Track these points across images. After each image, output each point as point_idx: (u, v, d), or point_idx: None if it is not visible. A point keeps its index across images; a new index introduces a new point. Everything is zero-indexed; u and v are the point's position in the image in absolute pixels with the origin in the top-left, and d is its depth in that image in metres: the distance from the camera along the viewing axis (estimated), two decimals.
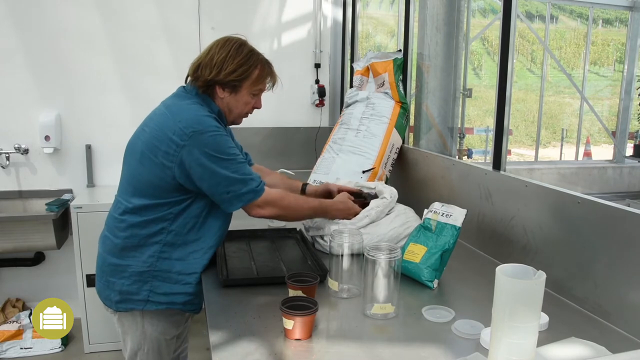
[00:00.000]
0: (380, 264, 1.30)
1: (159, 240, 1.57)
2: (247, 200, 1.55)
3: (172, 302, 1.61)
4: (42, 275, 3.27)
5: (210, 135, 1.49)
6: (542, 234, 1.57)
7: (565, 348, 1.14)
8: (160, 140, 1.50)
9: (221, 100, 1.62)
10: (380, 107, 2.56)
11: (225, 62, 1.57)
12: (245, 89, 1.62)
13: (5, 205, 3.13)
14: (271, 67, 1.67)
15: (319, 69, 3.54)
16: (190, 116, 1.51)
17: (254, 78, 1.61)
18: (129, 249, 1.58)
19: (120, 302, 1.61)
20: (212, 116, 1.56)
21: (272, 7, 3.44)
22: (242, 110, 1.66)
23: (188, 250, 1.60)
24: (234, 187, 1.52)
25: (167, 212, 1.56)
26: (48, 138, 3.08)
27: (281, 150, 3.43)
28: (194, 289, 1.62)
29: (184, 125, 1.48)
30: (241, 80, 1.59)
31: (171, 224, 1.57)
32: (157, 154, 1.50)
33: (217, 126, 1.53)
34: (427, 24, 2.56)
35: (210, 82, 1.58)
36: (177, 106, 1.57)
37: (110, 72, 3.20)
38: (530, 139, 11.16)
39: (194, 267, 1.61)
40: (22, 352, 2.93)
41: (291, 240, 1.92)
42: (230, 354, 1.15)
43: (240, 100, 1.63)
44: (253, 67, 1.60)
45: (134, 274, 1.58)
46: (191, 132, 1.47)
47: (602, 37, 12.90)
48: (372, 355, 1.15)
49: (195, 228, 1.60)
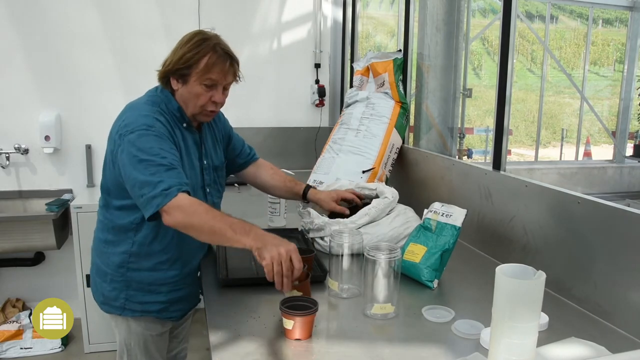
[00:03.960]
0: (380, 264, 1.30)
1: (124, 250, 1.57)
2: (156, 205, 1.35)
3: (147, 311, 1.62)
4: (42, 275, 3.27)
5: (138, 133, 1.43)
6: (542, 234, 1.57)
7: (565, 348, 1.14)
8: (111, 139, 1.52)
9: (177, 93, 1.56)
10: (380, 107, 2.56)
11: (176, 50, 1.53)
12: (193, 77, 1.51)
13: (5, 205, 3.13)
14: (227, 58, 1.52)
15: (319, 69, 3.54)
16: (128, 115, 1.51)
17: (202, 66, 1.49)
18: (106, 250, 1.61)
19: (103, 304, 1.64)
20: (152, 116, 1.48)
21: (272, 7, 3.44)
22: (196, 102, 1.54)
23: (154, 261, 1.58)
24: (144, 190, 1.37)
25: (129, 221, 1.55)
26: (48, 138, 3.09)
27: (281, 150, 3.43)
28: (166, 298, 1.62)
29: (122, 124, 1.48)
30: (189, 68, 1.50)
31: (135, 234, 1.56)
32: (109, 153, 1.53)
33: (148, 124, 1.45)
34: (427, 24, 2.56)
35: (165, 74, 1.55)
36: (128, 106, 1.58)
37: (110, 72, 3.21)
38: (530, 139, 11.16)
39: (164, 278, 1.60)
40: (22, 352, 2.93)
41: (292, 240, 1.91)
42: (230, 354, 1.15)
43: (192, 91, 1.52)
44: (201, 55, 1.49)
45: (112, 281, 1.60)
46: (124, 132, 1.45)
47: (602, 37, 12.90)
48: (372, 355, 1.15)
49: (157, 239, 1.56)
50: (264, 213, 2.14)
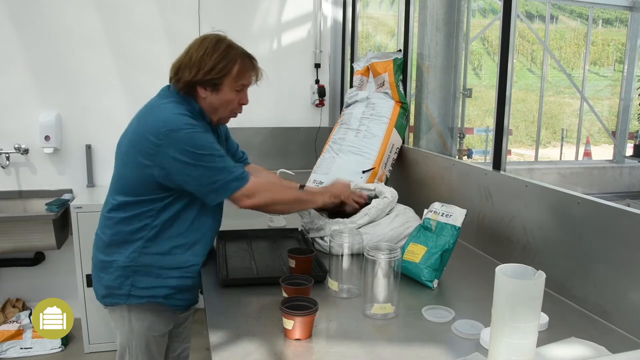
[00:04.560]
0: (380, 264, 1.30)
1: (142, 236, 1.57)
2: (234, 189, 1.51)
3: (154, 296, 1.61)
4: (42, 275, 3.27)
5: (186, 132, 1.47)
6: (542, 234, 1.57)
7: (565, 348, 1.14)
8: (140, 139, 1.51)
9: (204, 100, 1.58)
10: (380, 107, 2.56)
11: (202, 60, 1.53)
12: (226, 86, 1.56)
13: (6, 205, 3.13)
14: (253, 60, 1.61)
15: (319, 69, 3.54)
16: (164, 115, 1.51)
17: (235, 74, 1.55)
18: (114, 245, 1.59)
19: (106, 297, 1.63)
20: (187, 114, 1.52)
21: (272, 7, 3.44)
22: (227, 108, 1.61)
23: (170, 245, 1.59)
24: (219, 177, 1.50)
25: (149, 208, 1.55)
26: (48, 138, 3.08)
27: (281, 150, 3.43)
28: (176, 283, 1.61)
29: (160, 124, 1.48)
30: (221, 78, 1.54)
31: (154, 220, 1.56)
32: (137, 153, 1.51)
33: (191, 124, 1.50)
34: (427, 24, 2.56)
35: (191, 84, 1.55)
36: (155, 106, 1.58)
37: (110, 72, 3.21)
38: (530, 139, 11.16)
39: (177, 262, 1.60)
40: (22, 352, 2.93)
41: (292, 240, 1.93)
42: (230, 354, 1.15)
43: (224, 98, 1.58)
44: (232, 63, 1.55)
45: (117, 269, 1.59)
46: (167, 131, 1.46)
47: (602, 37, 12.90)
48: (372, 355, 1.15)
49: (177, 223, 1.58)
50: (263, 213, 2.14)
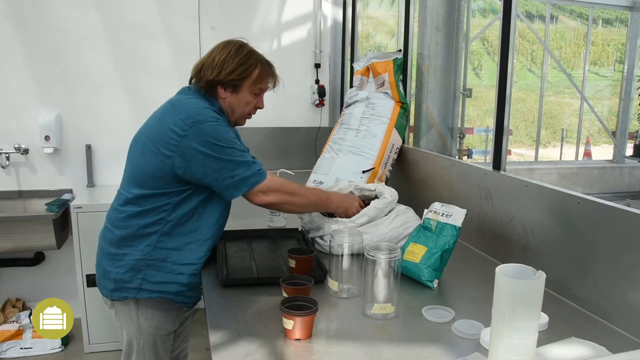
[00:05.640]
0: (380, 264, 1.30)
1: (156, 230, 1.58)
2: (251, 184, 1.56)
3: (165, 292, 1.62)
4: (42, 275, 3.27)
5: (210, 124, 1.53)
6: (542, 234, 1.57)
7: (565, 348, 1.14)
8: (161, 131, 1.54)
9: (223, 100, 1.66)
10: (380, 107, 2.56)
11: (225, 62, 1.62)
12: (245, 88, 1.65)
13: (5, 205, 3.13)
14: (272, 67, 1.71)
15: (319, 69, 3.54)
16: (190, 108, 1.56)
17: (254, 77, 1.65)
18: (127, 239, 1.60)
19: (115, 291, 1.63)
20: (212, 108, 1.60)
21: (272, 7, 3.44)
22: (244, 109, 1.69)
23: (184, 241, 1.61)
24: (238, 171, 1.54)
25: (165, 202, 1.57)
26: (48, 138, 3.09)
27: (281, 150, 3.43)
28: (187, 280, 1.62)
29: (184, 116, 1.52)
30: (241, 80, 1.63)
31: (169, 215, 1.58)
32: (157, 144, 1.54)
33: (215, 117, 1.57)
34: (427, 24, 2.56)
35: (212, 82, 1.63)
36: (179, 100, 1.64)
37: (110, 72, 3.20)
38: (530, 139, 11.16)
39: (189, 258, 1.62)
40: (22, 352, 2.93)
41: (292, 240, 1.92)
42: (230, 354, 1.15)
43: (242, 100, 1.67)
44: (253, 67, 1.64)
45: (129, 262, 1.59)
46: (192, 122, 1.51)
47: (602, 37, 12.91)
48: (372, 355, 1.15)
49: (192, 219, 1.61)
50: (264, 213, 2.14)
